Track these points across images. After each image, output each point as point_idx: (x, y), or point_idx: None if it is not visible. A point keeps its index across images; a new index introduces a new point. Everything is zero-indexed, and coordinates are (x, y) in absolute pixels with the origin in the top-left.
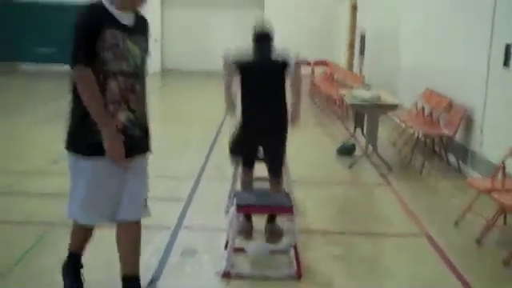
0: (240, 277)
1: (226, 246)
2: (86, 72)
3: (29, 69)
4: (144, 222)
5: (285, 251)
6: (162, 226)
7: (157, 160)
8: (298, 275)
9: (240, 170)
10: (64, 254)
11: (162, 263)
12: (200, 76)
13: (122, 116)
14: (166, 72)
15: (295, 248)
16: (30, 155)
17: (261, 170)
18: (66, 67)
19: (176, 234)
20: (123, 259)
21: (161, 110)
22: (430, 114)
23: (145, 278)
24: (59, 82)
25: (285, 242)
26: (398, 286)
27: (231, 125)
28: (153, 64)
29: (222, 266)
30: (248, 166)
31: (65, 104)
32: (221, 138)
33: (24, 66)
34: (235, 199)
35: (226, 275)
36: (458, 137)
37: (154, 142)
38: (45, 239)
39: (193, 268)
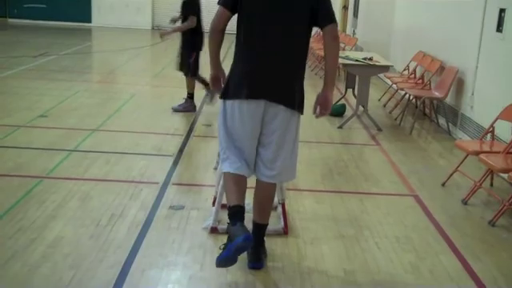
0: (227, 232)
1: (213, 203)
2: None
3: (18, 23)
4: (132, 177)
5: (273, 208)
6: (150, 181)
7: (147, 117)
8: (285, 231)
9: None
10: (50, 207)
11: (150, 218)
12: None
13: None
14: (156, 30)
15: (283, 205)
16: (19, 109)
17: None
18: (55, 23)
19: (164, 189)
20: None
21: (152, 69)
22: (422, 77)
23: (131, 233)
24: (48, 36)
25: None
26: (384, 245)
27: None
28: (143, 21)
29: (210, 221)
30: None
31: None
32: None
33: (12, 20)
34: None
35: (213, 231)
36: (449, 99)
37: (146, 99)
38: (32, 193)
39: (180, 223)
